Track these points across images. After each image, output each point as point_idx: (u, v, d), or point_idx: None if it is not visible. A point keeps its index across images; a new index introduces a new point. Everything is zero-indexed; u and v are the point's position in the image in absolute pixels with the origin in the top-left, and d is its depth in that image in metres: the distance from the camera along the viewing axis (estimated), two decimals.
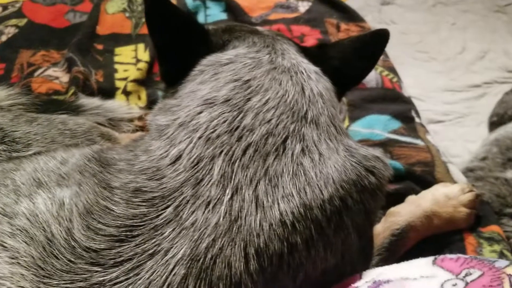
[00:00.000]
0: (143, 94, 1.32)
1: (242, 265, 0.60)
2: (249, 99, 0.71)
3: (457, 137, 2.09)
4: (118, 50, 1.46)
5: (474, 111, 2.22)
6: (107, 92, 1.32)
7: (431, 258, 0.62)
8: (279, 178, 0.64)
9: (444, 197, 0.97)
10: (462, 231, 0.96)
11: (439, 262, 0.61)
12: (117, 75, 1.39)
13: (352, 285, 0.64)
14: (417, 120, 1.27)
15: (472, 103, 2.26)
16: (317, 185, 0.64)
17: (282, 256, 0.62)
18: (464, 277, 0.56)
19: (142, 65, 1.38)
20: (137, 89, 1.33)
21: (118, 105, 1.23)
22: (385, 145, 1.12)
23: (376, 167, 0.70)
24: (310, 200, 0.63)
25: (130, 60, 1.43)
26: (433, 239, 0.94)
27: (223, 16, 1.54)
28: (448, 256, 0.62)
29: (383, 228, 0.91)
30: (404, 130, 1.17)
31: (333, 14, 1.55)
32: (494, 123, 2.08)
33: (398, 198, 0.98)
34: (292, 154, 0.66)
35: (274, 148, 0.67)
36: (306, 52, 0.89)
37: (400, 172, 1.05)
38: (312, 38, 1.43)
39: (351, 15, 1.59)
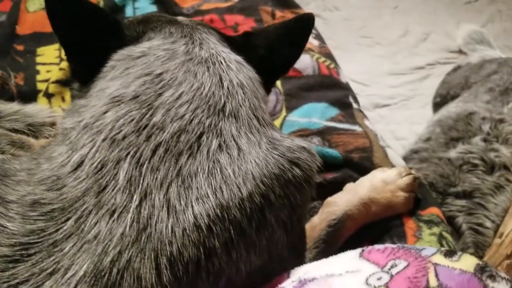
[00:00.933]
0: (67, 96, 1.23)
1: (153, 277, 0.55)
2: (160, 94, 0.65)
3: (403, 120, 2.11)
4: (40, 50, 1.36)
5: (418, 93, 2.25)
6: (28, 95, 1.22)
7: (358, 251, 0.59)
8: (193, 179, 0.59)
9: (381, 183, 0.94)
10: (402, 216, 0.94)
11: (366, 255, 0.57)
12: (39, 77, 1.29)
13: (279, 285, 0.60)
14: (354, 106, 1.24)
15: (416, 85, 2.29)
16: (235, 183, 0.59)
17: (199, 263, 0.57)
18: (389, 269, 0.52)
19: (65, 64, 1.29)
20: (60, 90, 1.24)
21: (39, 109, 1.14)
22: (323, 133, 1.09)
23: (301, 159, 0.66)
24: (228, 199, 0.58)
25: (54, 60, 1.34)
26: (372, 226, 0.92)
27: (153, 8, 1.46)
28: (376, 247, 0.59)
29: (320, 220, 0.87)
30: (342, 116, 1.14)
31: (267, 2, 1.50)
32: (438, 104, 2.10)
33: (336, 187, 0.95)
34: (208, 151, 0.61)
35: (188, 146, 0.61)
36: (230, 41, 0.84)
37: (338, 160, 1.02)
38: (246, 27, 1.38)
39: (286, 2, 1.54)
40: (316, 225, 0.86)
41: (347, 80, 1.48)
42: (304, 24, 0.86)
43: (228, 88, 0.68)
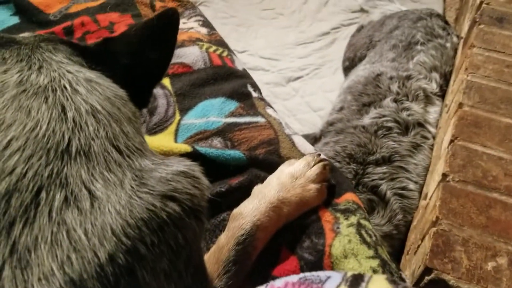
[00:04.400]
0: None
1: None
2: None
3: (317, 89, 2.06)
4: None
5: (328, 60, 2.20)
6: None
7: None
8: (32, 254, 0.46)
9: (290, 179, 0.86)
10: (318, 209, 0.87)
11: None
12: None
13: None
14: (254, 94, 1.14)
15: (325, 52, 2.24)
16: (88, 246, 0.47)
17: None
18: None
19: None
20: None
21: None
22: (223, 132, 0.98)
23: (179, 189, 0.55)
24: (80, 272, 0.46)
25: None
26: (287, 227, 0.84)
27: (14, 20, 1.26)
28: (276, 284, 0.50)
29: (227, 238, 0.77)
30: (242, 109, 1.04)
31: None
32: (348, 68, 2.07)
33: (244, 191, 0.86)
34: (50, 212, 0.48)
35: (22, 210, 0.48)
36: (85, 53, 0.70)
37: (242, 161, 0.92)
38: (123, 26, 1.23)
39: None
40: (223, 245, 0.76)
41: (253, 61, 1.37)
42: (168, 21, 0.74)
43: (73, 120, 0.55)
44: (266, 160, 0.92)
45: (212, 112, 1.02)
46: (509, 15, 1.53)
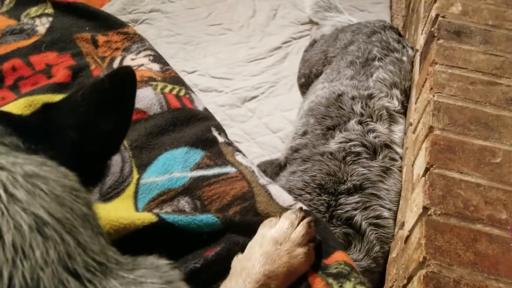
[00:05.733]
0: None
1: None
2: None
3: (274, 109, 1.98)
4: None
5: (282, 76, 2.13)
6: None
7: None
8: None
9: (273, 245, 0.76)
10: (307, 274, 0.78)
11: None
12: None
13: None
14: (220, 139, 1.02)
15: (278, 68, 2.17)
16: None
17: None
18: None
19: None
20: None
21: None
22: (190, 189, 0.86)
23: None
24: None
25: None
26: None
27: None
28: None
29: None
30: (209, 159, 0.93)
31: (84, 26, 1.19)
32: (304, 85, 2.01)
33: (222, 265, 0.74)
34: None
35: None
36: (21, 128, 0.57)
37: (216, 226, 0.81)
38: (62, 68, 1.07)
39: (108, 22, 1.24)
40: None
41: (209, 79, 1.24)
42: (123, 83, 0.62)
43: (13, 246, 0.41)
44: (243, 222, 0.82)
45: (176, 166, 0.90)
46: (466, 28, 1.51)
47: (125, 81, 0.62)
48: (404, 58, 1.74)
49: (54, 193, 0.50)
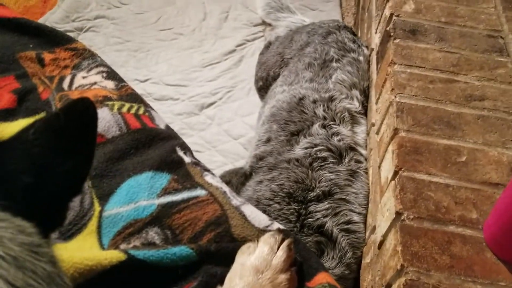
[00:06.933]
0: None
1: None
2: None
3: (233, 115, 1.94)
4: None
5: (239, 80, 2.08)
6: None
7: None
8: None
9: (255, 275, 0.72)
10: None
11: None
12: None
13: None
14: (186, 159, 0.96)
15: (234, 72, 2.12)
16: None
17: None
18: None
19: None
20: None
21: None
22: (159, 218, 0.79)
23: None
24: None
25: None
26: None
27: None
28: None
29: None
30: (176, 182, 0.86)
31: (27, 43, 1.08)
32: (262, 88, 1.98)
33: None
34: None
35: None
36: None
37: (191, 258, 0.75)
38: (6, 92, 0.96)
39: (53, 37, 1.14)
40: None
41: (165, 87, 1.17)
42: (81, 119, 0.55)
43: None
44: (219, 251, 0.77)
45: (141, 193, 0.83)
46: (420, 26, 1.52)
47: (84, 116, 0.55)
48: (361, 58, 1.74)
49: (11, 255, 0.44)
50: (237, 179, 1.54)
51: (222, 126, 1.89)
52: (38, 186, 0.53)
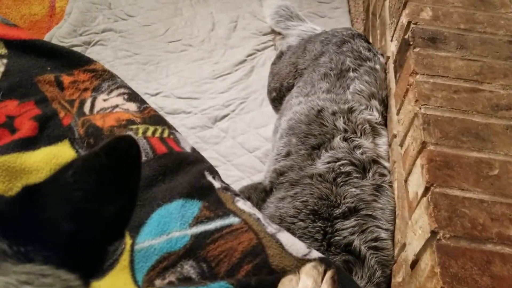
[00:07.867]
0: None
1: None
2: None
3: (247, 126, 1.90)
4: None
5: (251, 91, 2.05)
6: None
7: None
8: None
9: None
10: None
11: None
12: None
13: None
14: (216, 184, 0.92)
15: (246, 83, 2.08)
16: None
17: None
18: None
19: None
20: None
21: None
22: (193, 250, 0.75)
23: None
24: None
25: None
26: None
27: None
28: None
29: None
30: (208, 210, 0.82)
31: (45, 66, 1.04)
32: (276, 99, 1.94)
33: None
34: None
35: None
36: (2, 226, 0.46)
37: None
38: (27, 119, 0.92)
39: (71, 59, 1.09)
40: None
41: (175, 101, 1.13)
42: (124, 158, 0.52)
43: None
44: (260, 285, 0.73)
45: (173, 223, 0.79)
46: (439, 33, 1.49)
47: (126, 155, 0.52)
48: (377, 67, 1.70)
49: None
50: (257, 195, 1.50)
51: (236, 139, 1.86)
52: (80, 233, 0.50)
